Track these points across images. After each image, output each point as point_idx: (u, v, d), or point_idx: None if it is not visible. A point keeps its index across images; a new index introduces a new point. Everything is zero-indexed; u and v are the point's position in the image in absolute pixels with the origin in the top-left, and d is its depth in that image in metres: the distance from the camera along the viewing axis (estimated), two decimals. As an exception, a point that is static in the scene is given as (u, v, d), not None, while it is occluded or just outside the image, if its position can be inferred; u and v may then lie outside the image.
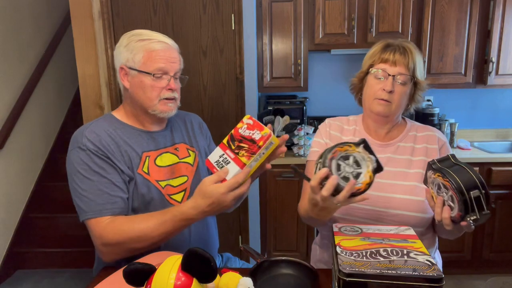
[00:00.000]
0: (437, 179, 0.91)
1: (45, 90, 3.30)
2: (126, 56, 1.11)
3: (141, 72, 1.10)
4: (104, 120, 1.16)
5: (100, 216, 1.04)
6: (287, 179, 2.56)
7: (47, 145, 3.33)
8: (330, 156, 0.89)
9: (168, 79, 1.12)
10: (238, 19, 2.29)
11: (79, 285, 2.65)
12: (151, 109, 1.13)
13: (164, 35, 1.16)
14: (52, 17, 3.48)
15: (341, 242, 0.85)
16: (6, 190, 2.81)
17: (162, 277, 0.66)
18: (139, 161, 1.13)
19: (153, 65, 1.09)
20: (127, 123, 1.18)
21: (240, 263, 1.37)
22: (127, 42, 1.12)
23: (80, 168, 1.06)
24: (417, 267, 0.73)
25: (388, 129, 1.23)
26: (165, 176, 1.16)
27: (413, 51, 1.14)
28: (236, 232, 2.54)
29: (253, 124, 0.95)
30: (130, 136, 1.15)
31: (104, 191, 1.05)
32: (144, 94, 1.11)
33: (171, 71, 1.13)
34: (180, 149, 1.24)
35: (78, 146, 1.08)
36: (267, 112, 2.71)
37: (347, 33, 2.61)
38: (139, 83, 1.11)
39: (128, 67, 1.11)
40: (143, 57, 1.09)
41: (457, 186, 0.85)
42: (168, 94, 1.13)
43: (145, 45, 1.10)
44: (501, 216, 2.54)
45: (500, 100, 3.00)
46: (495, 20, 2.54)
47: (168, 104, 1.14)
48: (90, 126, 1.12)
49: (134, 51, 1.10)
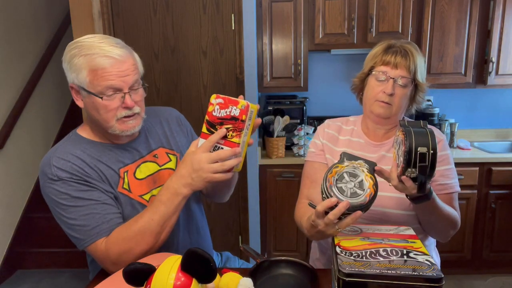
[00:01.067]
0: (400, 136, 0.92)
1: (45, 90, 3.30)
2: (71, 75, 0.99)
3: (90, 93, 0.97)
4: (69, 142, 1.06)
5: (99, 238, 0.98)
6: (287, 179, 2.56)
7: (47, 145, 3.32)
8: (328, 186, 0.91)
9: (122, 96, 0.98)
10: (238, 19, 2.29)
11: (79, 285, 2.65)
12: (110, 129, 1.01)
13: (112, 41, 0.99)
14: (52, 17, 3.48)
15: (340, 242, 0.85)
16: (6, 190, 2.81)
17: (161, 277, 0.66)
18: (118, 179, 1.05)
19: (101, 84, 0.95)
20: (95, 140, 1.08)
21: (239, 263, 1.37)
22: (69, 59, 0.98)
23: (59, 199, 0.98)
24: (417, 267, 0.73)
25: (387, 129, 1.23)
26: (148, 187, 1.09)
27: (414, 54, 1.14)
28: (236, 232, 2.54)
29: (225, 101, 0.89)
30: (101, 153, 1.05)
31: (94, 213, 0.98)
32: (99, 116, 0.99)
33: (125, 87, 0.98)
34: (159, 155, 1.15)
35: (49, 178, 0.98)
36: (267, 112, 2.71)
37: (347, 33, 2.61)
38: (91, 104, 0.99)
39: (77, 85, 0.99)
40: (87, 75, 0.96)
41: (409, 142, 0.85)
42: (126, 112, 1.00)
43: (89, 62, 0.95)
44: (501, 216, 2.54)
45: (500, 100, 3.00)
46: (495, 20, 2.54)
47: (128, 122, 1.02)
48: (56, 153, 1.01)
49: (78, 68, 0.96)
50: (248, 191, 2.48)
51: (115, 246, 0.96)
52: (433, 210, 1.02)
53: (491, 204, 2.53)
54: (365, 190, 0.89)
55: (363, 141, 1.25)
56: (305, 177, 1.29)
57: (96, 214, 0.98)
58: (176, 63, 2.34)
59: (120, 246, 0.96)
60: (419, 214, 1.10)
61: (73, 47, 0.99)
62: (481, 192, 2.53)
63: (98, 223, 0.98)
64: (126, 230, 0.97)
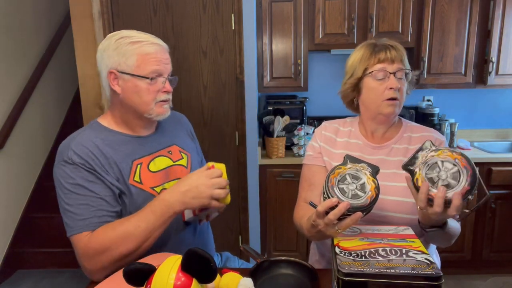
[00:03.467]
0: (437, 157, 0.87)
1: (45, 90, 3.31)
2: (117, 60, 1.06)
3: (136, 76, 1.06)
4: (91, 130, 1.11)
5: (84, 231, 0.99)
6: (287, 179, 2.56)
7: (47, 145, 3.33)
8: (330, 186, 0.91)
9: (163, 81, 1.09)
10: (238, 19, 2.29)
11: (79, 285, 2.65)
12: (147, 113, 1.09)
13: (152, 35, 1.12)
14: (52, 17, 3.49)
15: (340, 243, 0.85)
16: (6, 190, 2.81)
17: (162, 277, 0.66)
18: (129, 171, 1.08)
19: (148, 68, 1.06)
20: (116, 129, 1.13)
21: (239, 263, 1.37)
22: (116, 46, 1.06)
23: (65, 182, 1.01)
24: (416, 266, 0.73)
25: (386, 128, 1.23)
26: (160, 180, 1.13)
27: (398, 46, 1.16)
28: (236, 232, 2.54)
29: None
30: (119, 144, 1.10)
31: (90, 205, 1.00)
32: (140, 99, 1.08)
33: (165, 73, 1.10)
34: (173, 151, 1.21)
35: (64, 160, 1.03)
36: (267, 112, 2.71)
37: (347, 33, 2.62)
38: (133, 88, 1.07)
39: (119, 71, 1.06)
40: (136, 60, 1.05)
41: (473, 168, 0.82)
42: (164, 96, 1.10)
43: (138, 48, 1.06)
44: (501, 216, 2.54)
45: (500, 100, 3.00)
46: (495, 20, 2.54)
47: (164, 106, 1.12)
48: (77, 138, 1.07)
49: (126, 54, 1.05)
50: (248, 191, 2.49)
51: (96, 242, 0.97)
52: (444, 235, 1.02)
53: (491, 204, 2.53)
54: (366, 193, 0.90)
55: (361, 143, 1.24)
56: (303, 181, 1.29)
57: (91, 206, 1.00)
58: (176, 63, 2.34)
59: (100, 243, 0.96)
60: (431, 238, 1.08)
61: (118, 37, 1.07)
62: (481, 192, 2.53)
63: (90, 215, 1.00)
64: (111, 230, 0.98)
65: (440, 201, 0.84)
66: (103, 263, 0.97)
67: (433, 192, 0.85)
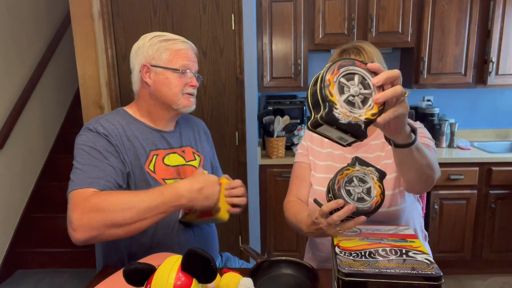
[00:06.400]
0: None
1: (45, 90, 3.31)
2: (151, 54, 1.16)
3: (168, 68, 1.16)
4: (118, 114, 1.20)
5: (90, 187, 0.99)
6: (287, 179, 2.55)
7: (47, 145, 3.33)
8: (336, 187, 0.91)
9: (191, 76, 1.19)
10: (238, 19, 2.29)
11: (79, 285, 2.65)
12: (175, 104, 1.18)
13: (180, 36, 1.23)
14: (52, 17, 3.49)
15: (340, 243, 0.85)
16: (6, 190, 2.81)
17: (162, 277, 0.66)
18: (145, 159, 1.15)
19: (179, 62, 1.17)
20: (140, 119, 1.21)
21: (239, 263, 1.37)
22: (150, 43, 1.17)
23: (84, 144, 1.07)
24: (416, 265, 0.73)
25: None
26: (172, 175, 1.18)
27: (366, 49, 1.16)
28: (236, 232, 2.54)
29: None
30: (141, 132, 1.18)
31: (100, 169, 1.03)
32: (169, 90, 1.17)
33: (193, 69, 1.20)
34: (186, 152, 1.27)
35: (89, 128, 1.10)
36: (267, 112, 2.71)
37: (347, 33, 2.61)
38: (164, 80, 1.16)
39: (151, 64, 1.16)
40: (169, 55, 1.16)
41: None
42: (190, 90, 1.20)
43: (170, 45, 1.17)
44: (501, 216, 2.54)
45: (500, 100, 3.00)
46: (495, 20, 2.54)
47: (190, 99, 1.21)
48: (105, 116, 1.16)
49: (159, 49, 1.16)
50: (248, 191, 2.49)
51: (97, 200, 0.95)
52: (415, 153, 0.90)
53: (491, 204, 2.53)
54: (372, 197, 0.90)
55: None
56: (294, 177, 1.34)
57: (102, 171, 1.04)
58: (176, 63, 2.34)
59: (100, 202, 0.94)
60: (400, 161, 0.98)
61: (152, 36, 1.19)
62: (481, 192, 2.53)
63: (98, 176, 1.02)
64: (116, 195, 0.98)
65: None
66: (92, 222, 0.94)
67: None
